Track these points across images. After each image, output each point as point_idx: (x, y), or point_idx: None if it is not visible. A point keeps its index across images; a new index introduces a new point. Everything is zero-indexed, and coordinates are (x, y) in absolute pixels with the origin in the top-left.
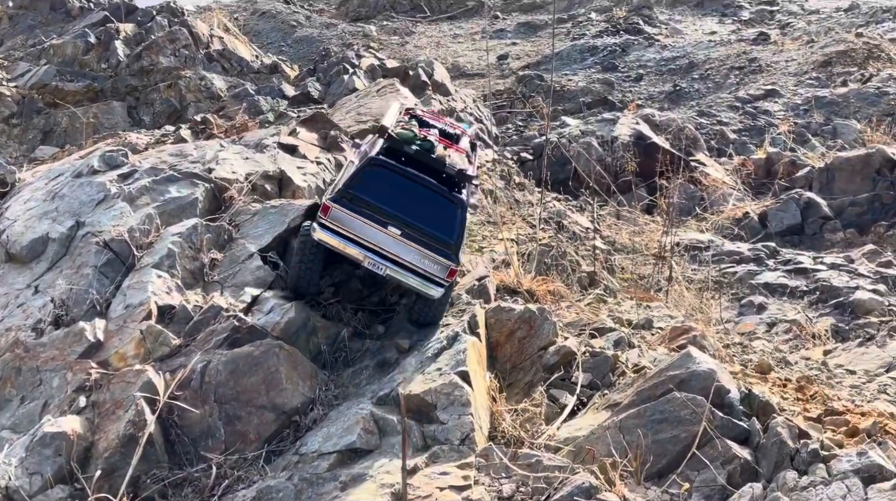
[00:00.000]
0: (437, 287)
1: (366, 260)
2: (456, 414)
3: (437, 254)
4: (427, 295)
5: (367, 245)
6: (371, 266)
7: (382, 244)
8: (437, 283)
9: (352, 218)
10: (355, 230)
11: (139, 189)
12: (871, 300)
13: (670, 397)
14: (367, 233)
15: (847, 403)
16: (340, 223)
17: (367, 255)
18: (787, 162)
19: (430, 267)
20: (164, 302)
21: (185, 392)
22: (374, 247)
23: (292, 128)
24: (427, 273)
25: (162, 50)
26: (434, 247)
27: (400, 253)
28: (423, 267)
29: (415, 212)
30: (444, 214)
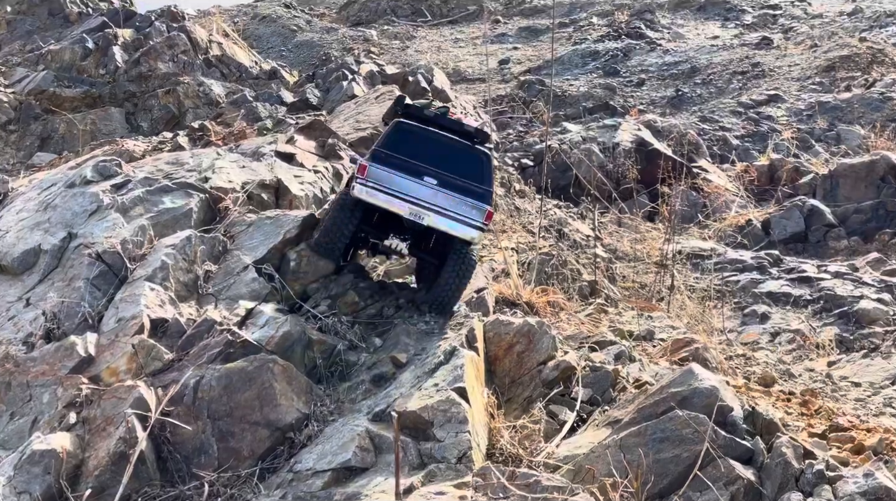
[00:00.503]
0: (476, 230)
1: (409, 211)
2: (453, 432)
3: (473, 199)
4: (467, 238)
5: (406, 198)
6: (413, 216)
7: (420, 195)
8: (475, 227)
9: (388, 173)
10: (393, 185)
11: (133, 199)
12: (875, 309)
13: (672, 415)
14: (404, 187)
15: (852, 418)
16: (378, 180)
17: (409, 208)
18: (790, 168)
19: (467, 212)
20: (157, 315)
21: (177, 407)
22: (412, 199)
23: (290, 136)
24: (465, 217)
25: (160, 56)
26: (469, 193)
27: (438, 202)
28: (460, 213)
29: (446, 165)
30: (472, 164)
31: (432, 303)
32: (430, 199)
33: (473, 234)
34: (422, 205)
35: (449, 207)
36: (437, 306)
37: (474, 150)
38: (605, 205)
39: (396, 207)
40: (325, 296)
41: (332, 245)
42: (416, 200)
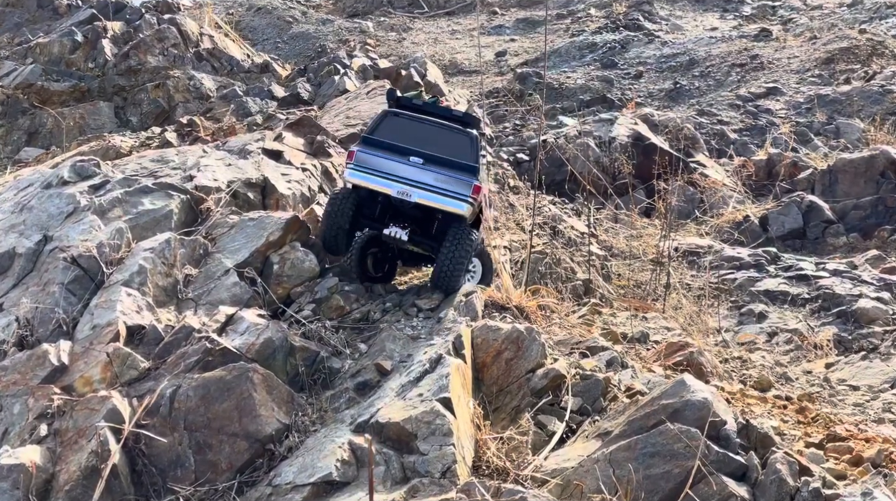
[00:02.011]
0: (465, 204)
1: (396, 191)
2: (437, 445)
3: (459, 174)
4: (456, 212)
5: (393, 178)
6: (400, 194)
7: (407, 174)
8: (462, 200)
9: (375, 157)
10: (380, 167)
11: (111, 201)
12: (874, 309)
13: (663, 429)
14: (391, 167)
15: (851, 427)
16: (366, 164)
17: (395, 187)
18: (788, 163)
19: (454, 187)
20: (134, 321)
21: (152, 419)
22: (399, 179)
23: (277, 133)
24: (452, 192)
25: (150, 49)
26: (455, 169)
27: (424, 180)
28: (447, 188)
29: (433, 146)
30: (459, 143)
31: (435, 284)
32: (416, 177)
33: (461, 208)
34: (408, 183)
35: (435, 184)
36: (439, 286)
37: (461, 132)
38: (601, 200)
39: (383, 187)
40: (309, 301)
41: (333, 239)
42: (402, 180)
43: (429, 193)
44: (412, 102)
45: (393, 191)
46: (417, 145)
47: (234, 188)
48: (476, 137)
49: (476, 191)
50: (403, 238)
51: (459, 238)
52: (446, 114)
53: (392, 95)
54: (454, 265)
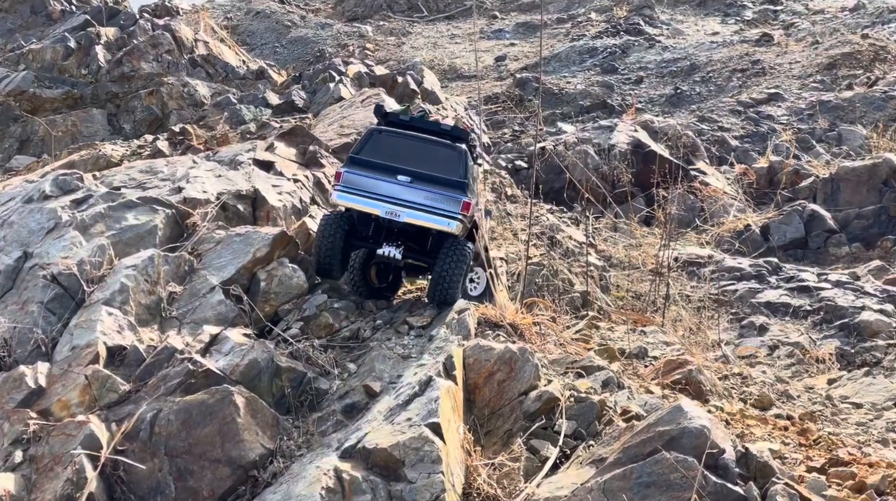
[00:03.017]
0: (455, 221)
1: (384, 211)
2: (426, 473)
3: (448, 191)
4: (446, 230)
5: (381, 198)
6: (388, 214)
7: (395, 193)
8: (452, 218)
9: (363, 177)
10: (368, 187)
11: (93, 216)
12: (877, 321)
13: (659, 458)
14: (379, 187)
15: (854, 451)
16: (353, 184)
17: (383, 207)
18: (790, 171)
19: (443, 204)
20: (115, 342)
21: (132, 444)
22: (387, 198)
23: (269, 143)
24: (441, 210)
25: (144, 55)
26: (443, 186)
27: (412, 198)
28: (436, 206)
29: (421, 163)
30: (447, 159)
31: (431, 298)
32: (404, 196)
33: (451, 226)
34: (397, 202)
35: (424, 202)
36: (436, 299)
37: (449, 146)
38: (600, 209)
39: (371, 208)
40: (297, 319)
41: (327, 263)
42: (390, 199)
43: (417, 212)
44: (399, 118)
45: (381, 212)
46: (405, 163)
47: (224, 200)
48: (464, 152)
49: (465, 207)
50: (398, 256)
51: (454, 252)
52: (434, 129)
53: (380, 111)
54: (450, 279)
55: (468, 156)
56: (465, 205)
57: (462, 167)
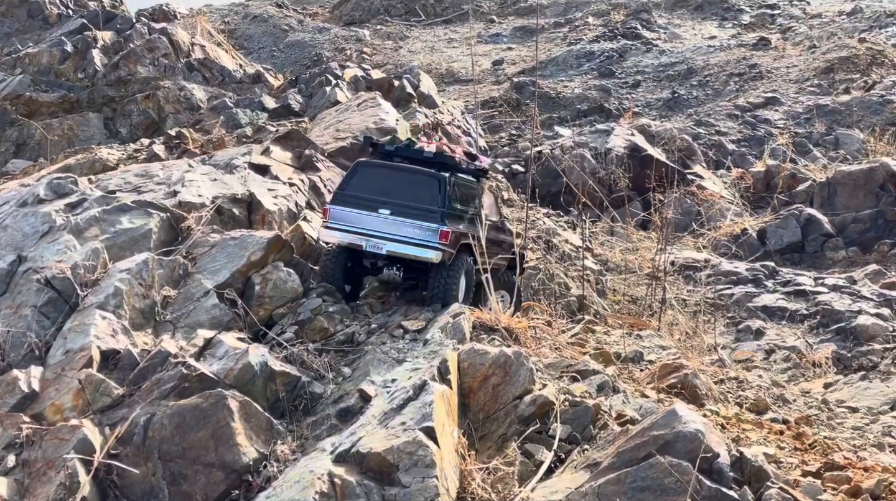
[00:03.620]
0: (434, 251)
1: (366, 244)
2: (419, 477)
3: (426, 222)
4: (426, 260)
5: (365, 232)
6: (372, 247)
7: (377, 227)
8: (432, 248)
9: (348, 212)
10: (352, 222)
11: (87, 220)
12: (874, 325)
13: (653, 462)
14: (362, 222)
15: (849, 455)
16: (340, 220)
17: (367, 241)
18: (786, 175)
19: (421, 235)
20: (108, 346)
21: (125, 448)
22: (369, 232)
23: (265, 147)
24: (421, 240)
25: (140, 59)
26: (422, 217)
27: (393, 230)
28: (416, 237)
29: (401, 194)
30: (426, 188)
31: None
32: (385, 229)
33: (431, 255)
34: (378, 236)
35: (404, 234)
36: (442, 305)
37: (429, 175)
38: (597, 213)
39: (355, 242)
40: (291, 323)
41: (332, 285)
42: (372, 233)
43: (398, 244)
44: (386, 148)
45: (365, 246)
46: (387, 195)
47: (219, 204)
48: (443, 179)
49: (444, 236)
50: (399, 278)
51: (444, 274)
52: (418, 157)
53: (368, 142)
54: (445, 293)
55: (446, 183)
56: (443, 233)
57: (440, 195)
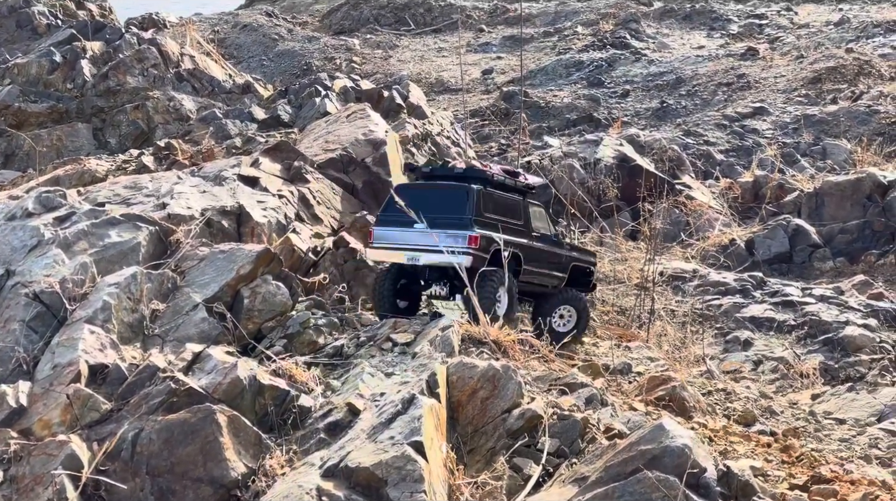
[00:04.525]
0: (464, 256)
1: (406, 257)
2: (408, 492)
3: (455, 229)
4: (458, 265)
5: (404, 247)
6: (410, 260)
7: (414, 240)
8: (462, 253)
9: (388, 231)
10: (392, 239)
11: (76, 233)
12: (861, 336)
13: (641, 477)
14: (401, 238)
15: (836, 468)
16: (381, 239)
17: (406, 254)
18: (774, 185)
19: (452, 242)
20: (97, 360)
21: (113, 463)
22: (407, 246)
23: (254, 159)
24: (452, 248)
25: (129, 69)
26: (452, 226)
27: (428, 242)
28: (447, 245)
29: (435, 209)
30: (455, 201)
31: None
32: (421, 242)
33: (461, 260)
34: (415, 249)
35: (437, 244)
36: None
37: (457, 188)
38: (586, 223)
39: (395, 257)
40: (280, 336)
41: (381, 307)
42: (410, 246)
43: (432, 254)
44: (423, 171)
45: (404, 259)
46: (423, 211)
47: (208, 216)
48: (470, 190)
49: (472, 240)
50: (444, 293)
51: (482, 286)
52: (450, 175)
53: (409, 167)
54: (483, 296)
55: (474, 193)
56: (471, 238)
57: (468, 204)
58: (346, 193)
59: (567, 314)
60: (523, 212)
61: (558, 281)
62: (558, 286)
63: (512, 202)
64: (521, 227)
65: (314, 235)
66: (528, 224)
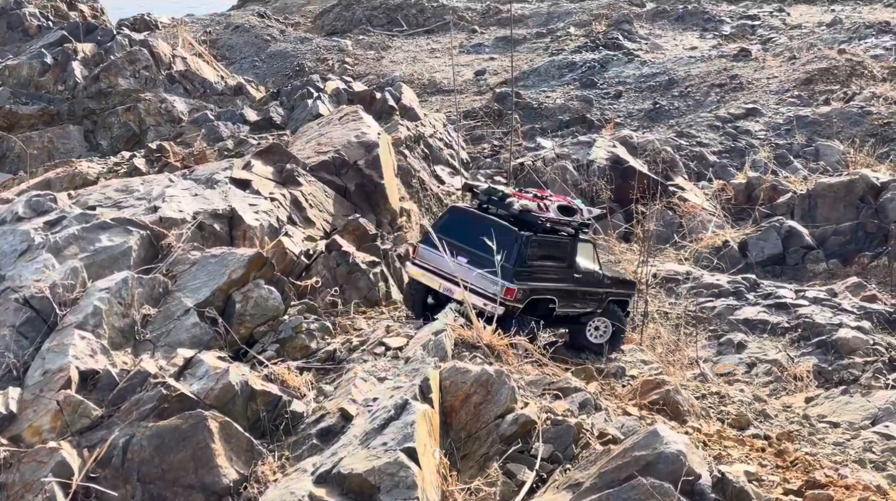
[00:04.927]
0: (496, 305)
1: (441, 286)
2: (401, 499)
3: (496, 277)
4: (489, 313)
5: (442, 274)
6: (445, 291)
7: (453, 271)
8: (495, 302)
9: (432, 253)
10: (434, 263)
11: (67, 238)
12: (854, 338)
13: (635, 483)
14: (442, 264)
15: (830, 472)
16: (424, 259)
17: (442, 283)
18: (767, 187)
19: (489, 287)
20: (87, 366)
21: (104, 470)
22: (446, 275)
23: (246, 162)
24: (487, 292)
25: (121, 71)
26: (493, 270)
27: (466, 278)
28: (483, 288)
29: (481, 245)
30: (504, 243)
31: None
32: (459, 275)
33: (495, 309)
34: (453, 280)
35: (474, 283)
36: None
37: (509, 231)
38: None
39: (432, 282)
40: (272, 341)
41: (412, 308)
42: (448, 276)
43: (469, 292)
44: (480, 197)
45: (438, 287)
46: (468, 243)
47: (200, 220)
48: (522, 238)
49: (508, 292)
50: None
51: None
52: (503, 211)
53: (467, 188)
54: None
55: (523, 242)
56: (508, 291)
57: (515, 253)
58: (338, 196)
59: (602, 326)
60: (570, 252)
61: (592, 310)
62: (592, 314)
63: (560, 243)
64: (564, 268)
65: (306, 238)
66: (573, 265)
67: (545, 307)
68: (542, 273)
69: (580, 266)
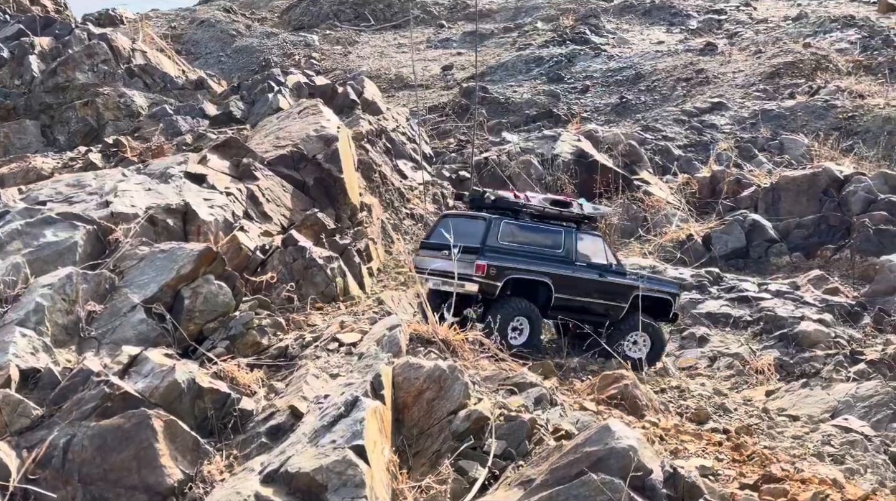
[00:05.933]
0: (472, 283)
1: (431, 283)
2: (349, 498)
3: (470, 257)
4: (467, 292)
5: (433, 274)
6: (435, 286)
7: (440, 267)
8: (471, 280)
9: (424, 258)
10: (426, 264)
11: (10, 233)
12: (816, 331)
13: (586, 479)
14: (431, 264)
15: (787, 466)
16: (419, 265)
17: (434, 281)
18: (731, 180)
19: (465, 269)
20: (28, 364)
21: (44, 472)
22: (437, 273)
23: (202, 156)
24: (465, 275)
25: (79, 65)
26: (469, 253)
27: (451, 269)
28: (461, 272)
29: (462, 237)
30: (476, 229)
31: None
32: (445, 268)
33: (471, 288)
34: (440, 275)
35: (458, 271)
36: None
37: (479, 218)
38: None
39: (427, 284)
40: (223, 337)
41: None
42: (437, 273)
43: (451, 280)
44: (465, 199)
45: (433, 285)
46: (456, 238)
47: (152, 214)
48: (488, 219)
49: (479, 268)
50: (473, 316)
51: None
52: (483, 205)
53: (457, 197)
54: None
55: (491, 222)
56: (478, 266)
57: (483, 233)
58: (296, 190)
59: (641, 340)
60: (565, 241)
61: (617, 309)
62: (620, 314)
63: (550, 231)
64: (560, 256)
65: (263, 233)
66: (571, 253)
67: (544, 294)
68: (524, 255)
69: (584, 256)
